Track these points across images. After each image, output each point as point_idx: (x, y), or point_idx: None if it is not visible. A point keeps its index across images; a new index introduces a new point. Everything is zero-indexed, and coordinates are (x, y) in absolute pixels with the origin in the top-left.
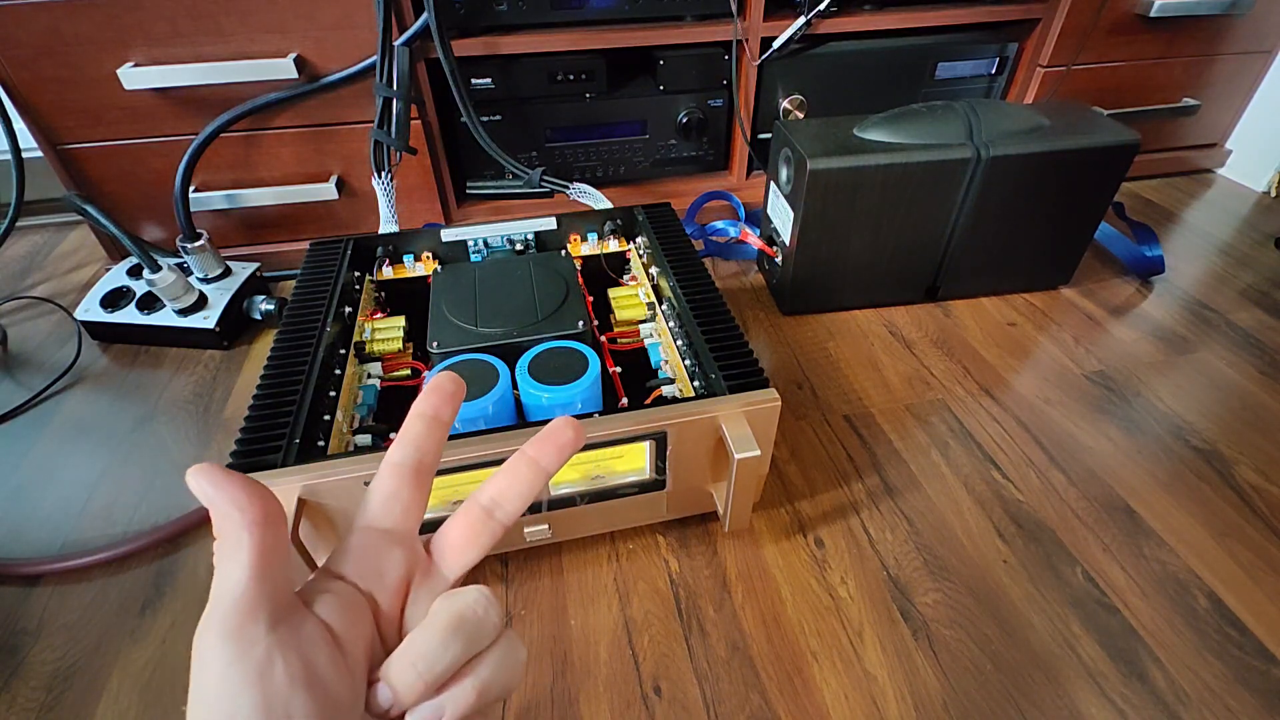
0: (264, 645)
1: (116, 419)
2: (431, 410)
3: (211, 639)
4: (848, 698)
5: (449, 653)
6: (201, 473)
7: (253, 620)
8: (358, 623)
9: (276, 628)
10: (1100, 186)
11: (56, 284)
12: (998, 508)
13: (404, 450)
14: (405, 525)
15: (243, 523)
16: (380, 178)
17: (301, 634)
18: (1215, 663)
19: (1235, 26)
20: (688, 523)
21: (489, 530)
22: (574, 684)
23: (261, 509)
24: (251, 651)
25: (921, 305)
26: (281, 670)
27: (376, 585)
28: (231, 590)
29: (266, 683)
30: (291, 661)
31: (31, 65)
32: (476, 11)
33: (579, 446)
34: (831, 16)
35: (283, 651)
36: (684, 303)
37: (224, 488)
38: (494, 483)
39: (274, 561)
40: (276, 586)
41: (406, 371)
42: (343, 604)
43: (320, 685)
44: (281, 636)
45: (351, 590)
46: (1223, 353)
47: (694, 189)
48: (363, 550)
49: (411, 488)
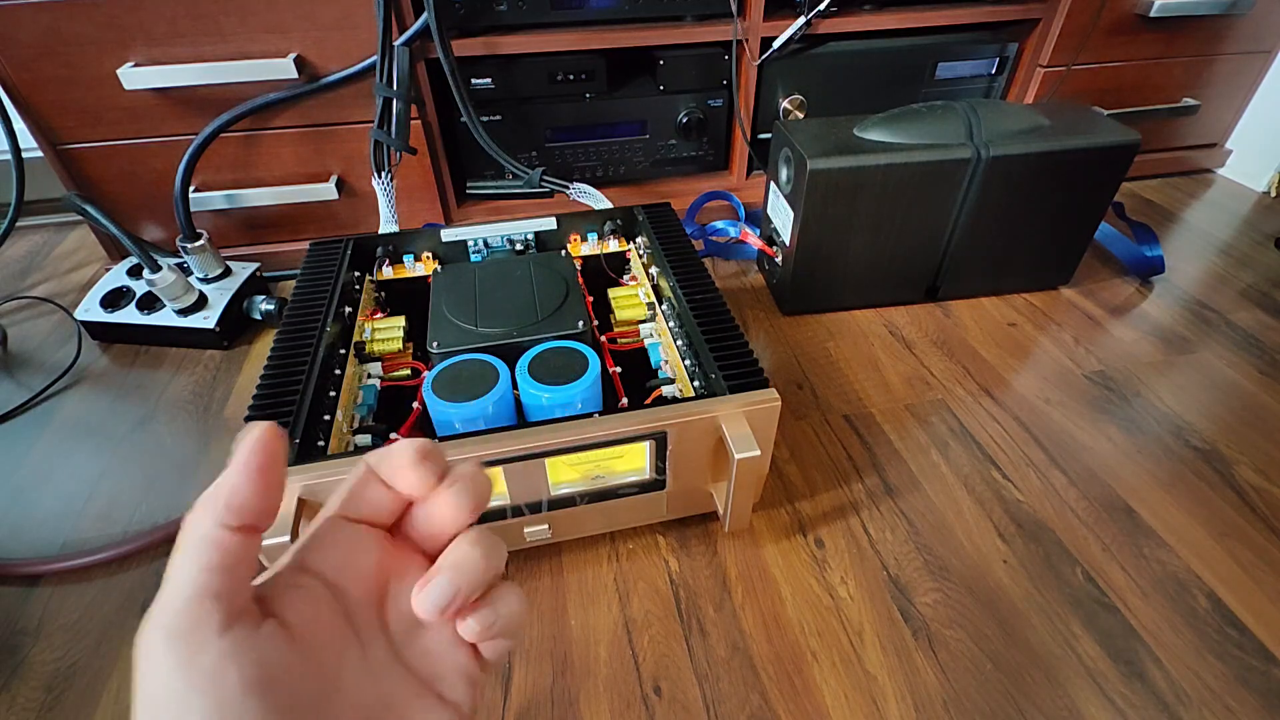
0: (214, 650)
1: (116, 419)
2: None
3: (157, 639)
4: (848, 698)
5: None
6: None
7: (204, 622)
8: (326, 619)
9: (229, 631)
10: (1100, 186)
11: (56, 284)
12: (998, 508)
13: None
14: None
15: (207, 522)
16: (380, 178)
17: (257, 637)
18: (1215, 663)
19: (1235, 26)
20: (688, 523)
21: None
22: (574, 684)
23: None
24: (200, 657)
25: (921, 305)
26: (235, 676)
27: (344, 573)
28: (178, 593)
29: (220, 688)
30: (246, 667)
31: (31, 65)
32: (476, 11)
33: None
34: (831, 16)
35: (236, 656)
36: (684, 303)
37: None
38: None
39: (229, 563)
40: (228, 589)
41: (406, 371)
42: (309, 600)
43: (280, 689)
44: (236, 639)
45: (316, 584)
46: (1223, 353)
47: (694, 189)
48: (330, 536)
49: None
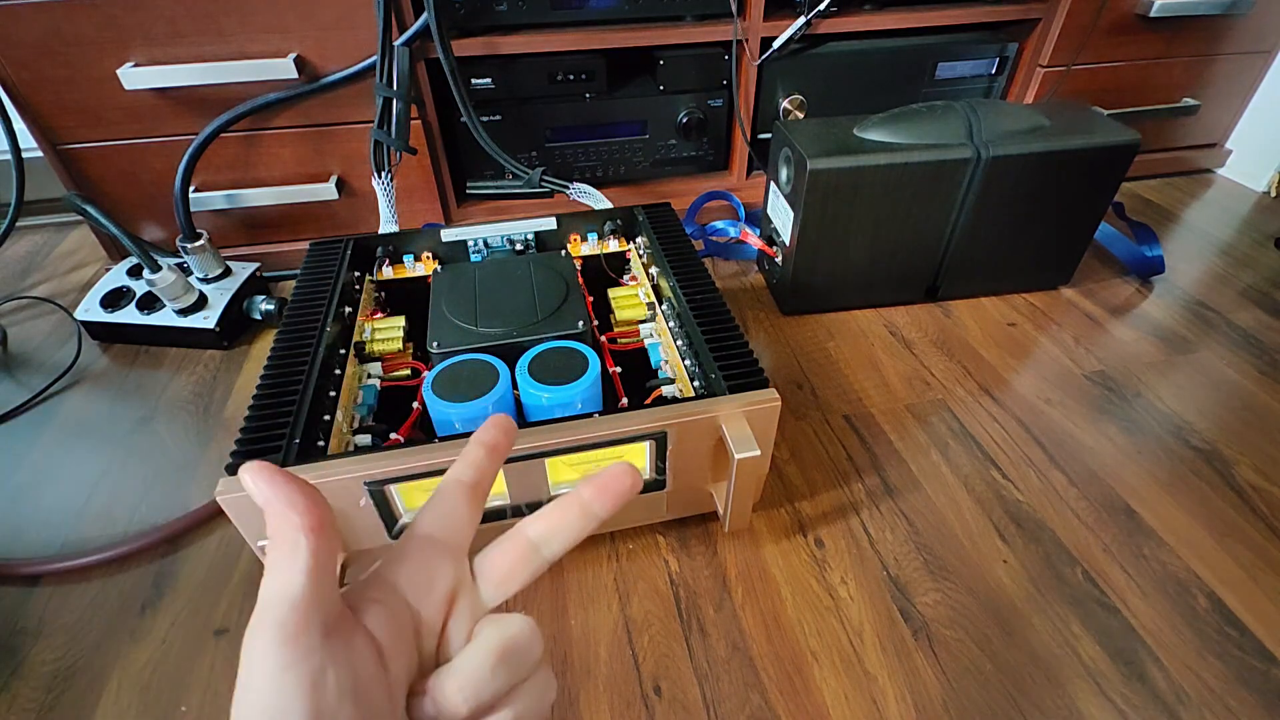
0: (319, 655)
1: (116, 419)
2: (492, 441)
3: (265, 643)
4: (848, 698)
5: (496, 680)
6: (258, 472)
7: (308, 628)
8: (402, 637)
9: (330, 638)
10: (1100, 186)
11: (56, 284)
12: (998, 508)
13: (468, 469)
14: (459, 540)
15: (301, 526)
16: (380, 178)
17: (352, 645)
18: (1215, 663)
19: (1235, 26)
20: (688, 523)
21: (532, 566)
22: (574, 684)
23: (319, 515)
24: (306, 661)
25: (921, 305)
26: (333, 682)
27: (425, 596)
28: (288, 596)
29: (319, 693)
30: (343, 674)
31: (31, 65)
32: (476, 11)
33: (635, 494)
34: (831, 16)
35: (335, 663)
36: (684, 303)
37: (282, 489)
38: (544, 519)
39: (328, 569)
40: (329, 595)
41: (406, 371)
42: (390, 617)
43: (366, 699)
44: (334, 647)
45: (400, 602)
46: (1223, 353)
47: (694, 189)
48: (420, 557)
49: (469, 505)
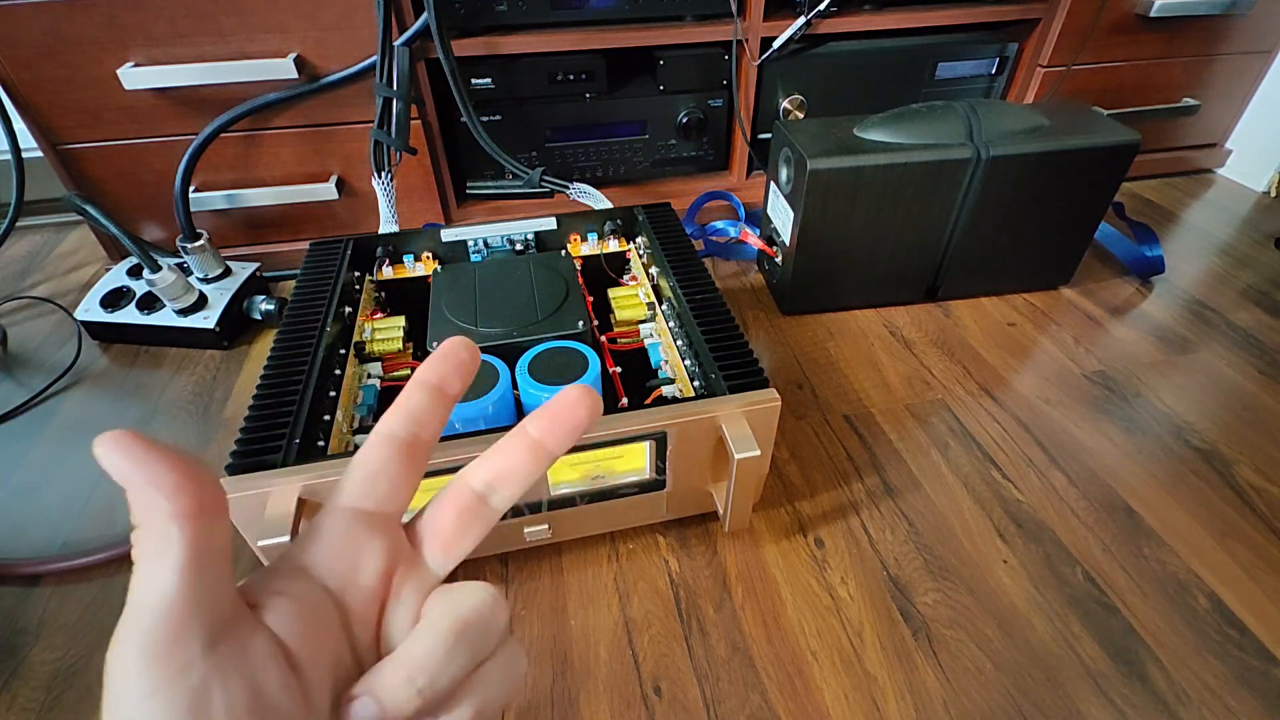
0: (199, 671)
1: (116, 419)
2: (437, 379)
3: (130, 660)
4: (848, 698)
5: (454, 663)
6: (114, 443)
7: (182, 639)
8: (321, 633)
9: (215, 648)
10: (1100, 186)
11: (56, 284)
12: (998, 508)
13: (399, 420)
14: (390, 508)
15: (171, 513)
16: (380, 178)
17: (247, 654)
18: (1215, 663)
19: (1235, 26)
20: (688, 523)
21: (482, 518)
22: (574, 684)
23: (196, 495)
24: (182, 679)
25: (921, 305)
26: (221, 702)
27: (350, 580)
28: (156, 601)
29: (200, 717)
30: (234, 690)
31: (31, 65)
32: (476, 11)
33: (591, 426)
34: (831, 16)
35: (223, 678)
36: (684, 303)
37: (144, 465)
38: (488, 463)
39: (210, 563)
40: (215, 594)
41: (406, 372)
42: (301, 610)
43: (270, 716)
44: (221, 659)
45: (316, 590)
46: (1223, 353)
47: (694, 189)
48: (336, 536)
49: (402, 465)
